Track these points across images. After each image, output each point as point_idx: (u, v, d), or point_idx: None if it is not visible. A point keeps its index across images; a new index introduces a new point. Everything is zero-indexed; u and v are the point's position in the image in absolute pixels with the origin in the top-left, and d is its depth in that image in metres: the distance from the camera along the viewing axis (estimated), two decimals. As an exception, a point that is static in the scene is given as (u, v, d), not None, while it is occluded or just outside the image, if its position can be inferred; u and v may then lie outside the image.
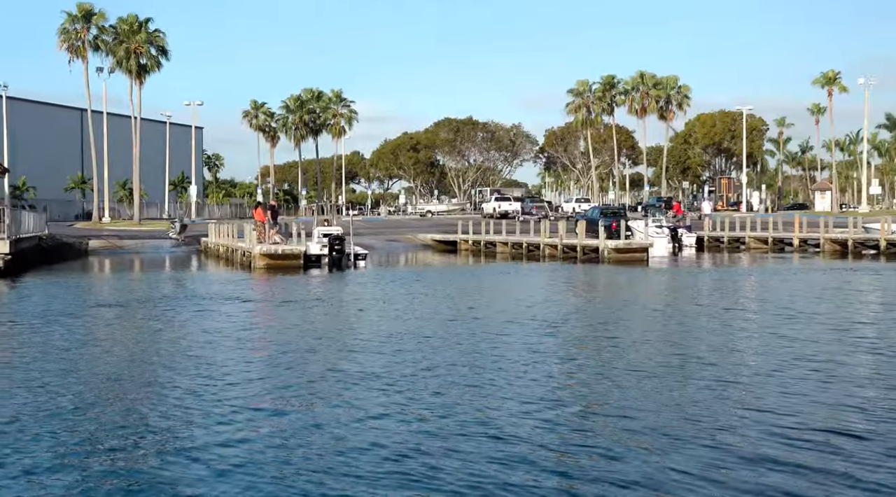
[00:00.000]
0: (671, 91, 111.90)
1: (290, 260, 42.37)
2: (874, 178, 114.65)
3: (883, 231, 53.18)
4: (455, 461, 10.03)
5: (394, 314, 24.07)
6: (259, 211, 48.31)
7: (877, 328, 20.71)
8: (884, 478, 9.27)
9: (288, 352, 17.59)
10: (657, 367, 15.51)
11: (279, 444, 10.81)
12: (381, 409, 12.58)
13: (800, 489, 8.97)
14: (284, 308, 25.87)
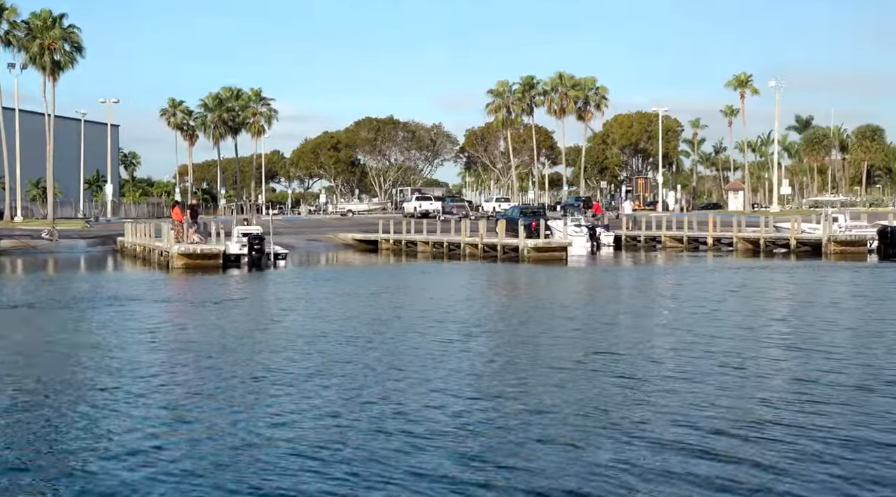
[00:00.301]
0: (589, 92, 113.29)
1: (209, 260, 41.96)
2: (784, 178, 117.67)
3: (793, 230, 54.59)
4: (372, 460, 10.13)
5: (313, 314, 24.05)
6: (177, 210, 47.69)
7: (784, 324, 21.34)
8: (790, 467, 9.61)
9: (204, 352, 17.48)
10: (573, 364, 15.80)
11: (194, 446, 10.78)
12: (298, 408, 12.61)
13: (709, 482, 9.26)
14: (202, 308, 25.66)
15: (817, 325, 20.88)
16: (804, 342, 18.09)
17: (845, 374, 14.57)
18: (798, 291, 30.23)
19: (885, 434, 10.85)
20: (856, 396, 12.90)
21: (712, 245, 59.16)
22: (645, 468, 9.65)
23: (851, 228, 55.94)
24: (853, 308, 24.65)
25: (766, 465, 9.71)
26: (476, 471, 9.67)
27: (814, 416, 11.75)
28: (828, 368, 15.09)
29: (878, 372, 14.71)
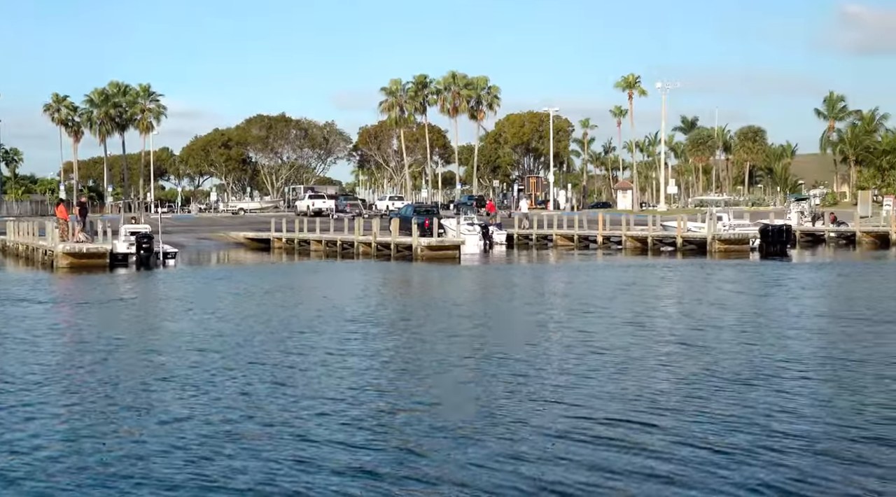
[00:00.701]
0: (482, 91, 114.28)
1: (96, 259, 40.94)
2: (671, 178, 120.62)
3: (679, 229, 55.98)
4: (257, 461, 10.07)
5: (202, 313, 23.71)
6: (62, 208, 46.36)
7: (670, 321, 21.90)
8: (674, 468, 9.89)
9: (88, 354, 17.08)
10: (462, 362, 15.95)
11: (74, 450, 10.55)
12: (183, 410, 12.45)
13: (595, 478, 9.46)
14: (86, 308, 25.04)
15: (701, 321, 21.47)
16: (688, 338, 18.58)
17: (726, 368, 15.02)
18: (683, 289, 31.04)
19: (761, 426, 11.23)
20: (736, 390, 13.31)
21: (602, 243, 60.26)
22: (530, 468, 9.80)
23: (735, 227, 57.66)
24: (735, 305, 25.41)
25: (651, 456, 9.96)
26: (367, 467, 9.69)
27: (696, 411, 12.09)
28: (709, 363, 15.53)
29: (758, 366, 15.21)
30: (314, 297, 28.71)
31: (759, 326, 20.37)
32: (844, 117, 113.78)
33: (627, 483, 9.16)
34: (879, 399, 12.64)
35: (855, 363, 15.40)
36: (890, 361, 15.52)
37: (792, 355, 16.24)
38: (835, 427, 11.17)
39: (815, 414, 11.86)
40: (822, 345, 17.64)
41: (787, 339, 18.38)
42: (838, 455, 9.98)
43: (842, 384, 13.69)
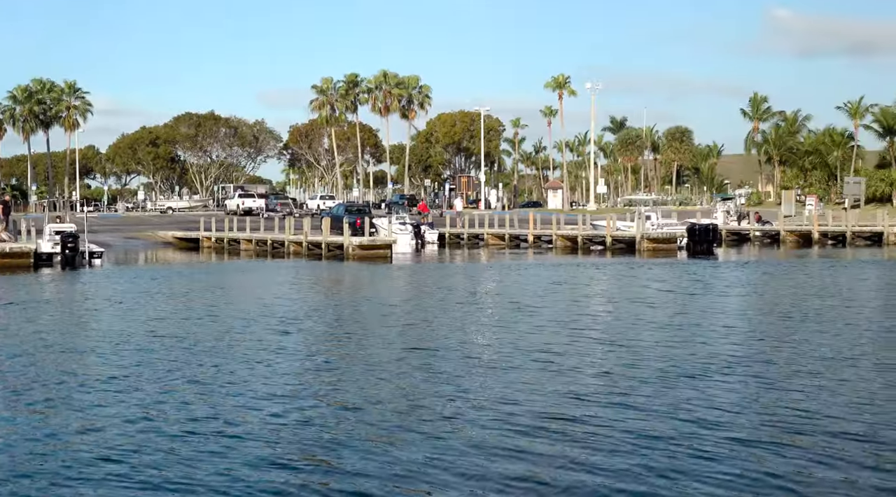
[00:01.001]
0: (413, 90, 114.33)
1: (19, 259, 40.10)
2: (601, 177, 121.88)
3: (609, 228, 56.61)
4: (182, 463, 9.99)
5: (128, 314, 23.37)
6: (-18, 207, 45.33)
7: (597, 319, 22.15)
8: (600, 461, 10.02)
9: (10, 357, 16.73)
10: (392, 361, 15.95)
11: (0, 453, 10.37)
12: (108, 412, 12.28)
13: (525, 475, 9.54)
14: (9, 310, 24.51)
15: (627, 319, 21.76)
16: (614, 336, 18.82)
17: (651, 366, 15.24)
18: (611, 288, 31.41)
19: (685, 421, 11.42)
20: (660, 387, 13.52)
21: (533, 242, 60.68)
22: (459, 460, 9.86)
23: (663, 226, 58.51)
24: (661, 303, 25.79)
25: (575, 453, 10.07)
26: (289, 469, 9.66)
27: (619, 407, 12.25)
28: (634, 361, 15.74)
29: (682, 363, 15.45)
30: (243, 296, 28.47)
31: (685, 324, 20.69)
32: (768, 118, 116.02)
33: (555, 477, 9.24)
34: (797, 395, 12.93)
35: (776, 360, 15.73)
36: (808, 357, 15.88)
37: (715, 352, 16.54)
38: (757, 421, 11.40)
39: (737, 410, 12.08)
40: (744, 342, 17.99)
41: (712, 336, 18.71)
42: (760, 448, 10.19)
43: (763, 380, 13.97)
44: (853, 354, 16.16)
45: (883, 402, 12.43)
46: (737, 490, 8.91)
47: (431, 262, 46.87)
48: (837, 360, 15.63)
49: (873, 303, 25.27)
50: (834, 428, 11.01)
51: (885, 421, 11.36)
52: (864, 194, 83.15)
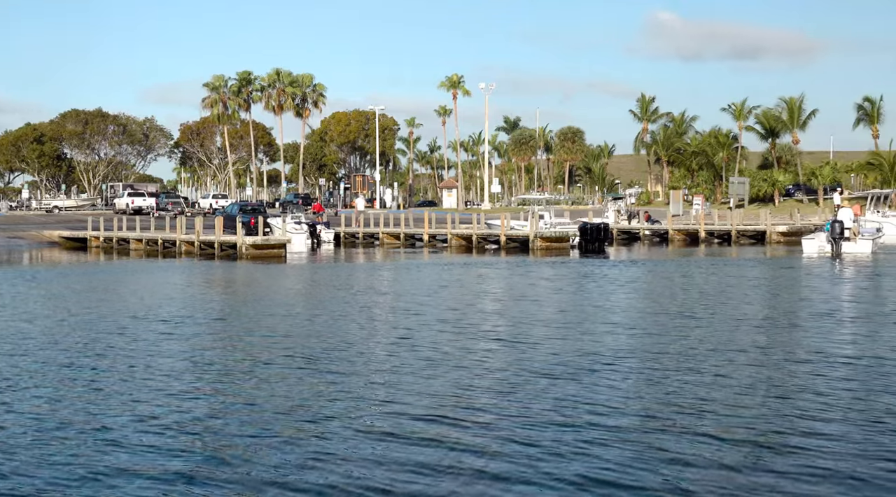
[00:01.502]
0: (307, 89, 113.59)
1: None
2: (495, 177, 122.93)
3: (503, 227, 57.19)
4: (75, 464, 9.80)
5: (9, 316, 22.69)
6: None
7: (490, 317, 22.38)
8: (487, 456, 10.14)
9: None
10: (279, 361, 15.84)
11: None
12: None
13: (413, 472, 9.61)
14: None
15: (519, 318, 22.04)
16: (505, 334, 19.05)
17: (540, 363, 15.48)
18: (504, 286, 31.75)
19: (572, 418, 11.65)
20: (548, 383, 13.74)
21: (428, 242, 60.91)
22: (345, 459, 9.89)
23: (556, 225, 59.39)
24: (553, 301, 26.19)
25: (463, 449, 10.18)
26: (179, 470, 9.56)
27: (508, 405, 12.43)
28: (524, 359, 15.97)
29: (570, 360, 15.73)
30: (130, 297, 27.89)
31: (573, 322, 21.05)
32: (657, 119, 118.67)
33: (443, 474, 9.34)
34: (680, 388, 13.30)
35: (661, 355, 16.14)
36: (691, 352, 16.34)
37: (602, 348, 16.88)
38: (641, 417, 11.69)
39: (622, 404, 12.37)
40: (632, 339, 18.40)
41: (599, 333, 19.09)
42: (644, 444, 10.46)
43: (649, 376, 14.33)
44: (734, 349, 16.68)
45: (761, 395, 12.88)
46: (622, 479, 9.13)
47: (326, 262, 46.66)
48: (719, 354, 16.11)
49: (754, 300, 26.11)
50: (714, 421, 11.36)
51: (763, 414, 11.78)
52: (748, 194, 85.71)
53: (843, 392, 12.94)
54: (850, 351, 16.45)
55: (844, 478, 9.14)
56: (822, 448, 10.13)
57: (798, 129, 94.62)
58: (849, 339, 18.10)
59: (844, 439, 10.47)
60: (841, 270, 35.57)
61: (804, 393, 12.92)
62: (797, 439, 10.50)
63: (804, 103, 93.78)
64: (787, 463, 9.64)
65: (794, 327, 19.83)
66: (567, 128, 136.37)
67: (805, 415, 11.64)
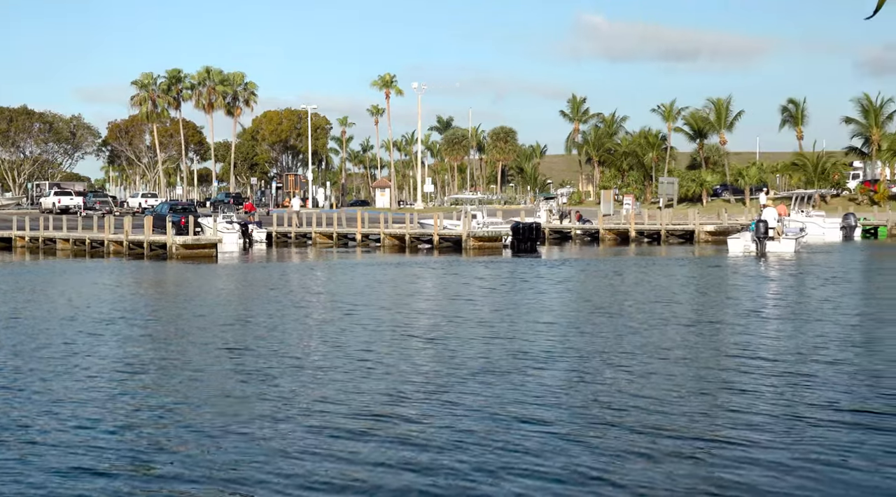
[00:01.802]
0: (238, 87, 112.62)
1: None
2: (428, 176, 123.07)
3: (436, 227, 57.31)
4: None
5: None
6: None
7: (419, 317, 22.45)
8: (417, 456, 10.21)
9: None
10: (208, 362, 15.73)
11: None
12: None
13: (343, 473, 9.64)
14: None
15: (449, 317, 22.12)
16: (436, 334, 19.11)
17: (469, 361, 15.58)
18: (436, 285, 31.88)
19: (503, 415, 11.77)
20: (479, 381, 13.85)
21: (361, 241, 60.81)
22: (276, 460, 9.88)
23: (488, 225, 59.67)
24: (483, 300, 26.34)
25: (392, 449, 10.23)
26: (98, 476, 9.47)
27: (437, 402, 12.50)
28: (454, 357, 16.05)
29: (497, 359, 15.85)
30: (58, 298, 27.41)
31: (504, 321, 21.19)
32: (588, 120, 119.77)
33: (372, 474, 9.38)
34: (608, 386, 13.53)
35: (592, 354, 16.36)
36: (620, 351, 16.60)
37: (534, 348, 17.03)
38: (571, 415, 11.86)
39: (552, 402, 12.52)
40: (563, 338, 18.57)
41: (532, 332, 19.25)
42: (573, 438, 10.62)
43: (579, 375, 14.51)
44: (662, 347, 16.97)
45: (688, 392, 13.14)
46: (552, 479, 9.27)
47: (258, 262, 46.36)
48: (647, 352, 16.38)
49: (682, 298, 26.56)
50: (643, 417, 11.57)
51: (690, 410, 12.03)
52: (677, 194, 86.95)
53: (766, 387, 13.26)
54: (774, 347, 16.85)
55: (770, 471, 9.38)
56: (749, 442, 10.38)
57: (725, 130, 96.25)
58: (772, 335, 18.52)
59: (770, 433, 10.74)
60: (765, 269, 36.33)
61: (730, 389, 13.22)
62: (725, 433, 10.75)
63: (731, 105, 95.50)
64: (716, 457, 9.86)
65: (719, 325, 20.24)
66: (499, 128, 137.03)
67: (732, 410, 11.90)
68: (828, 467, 9.49)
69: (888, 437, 10.54)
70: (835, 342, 17.35)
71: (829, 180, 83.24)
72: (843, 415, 11.60)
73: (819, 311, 22.39)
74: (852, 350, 16.55)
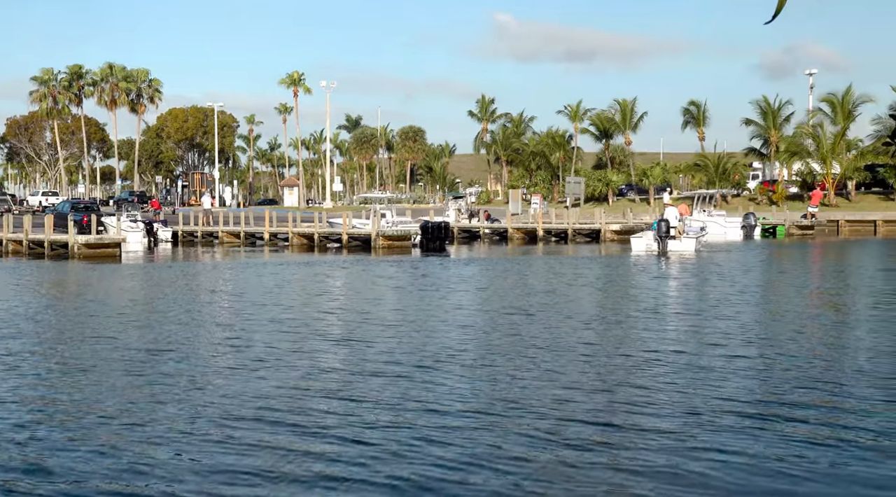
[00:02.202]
0: (142, 84, 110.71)
1: None
2: (336, 175, 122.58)
3: (345, 226, 57.17)
4: None
5: None
6: None
7: (326, 317, 22.39)
8: (325, 453, 10.26)
9: None
10: (108, 364, 15.51)
11: None
12: None
13: (252, 472, 9.64)
14: None
15: (356, 316, 22.14)
16: (342, 333, 19.13)
17: (376, 360, 15.65)
18: (344, 285, 31.86)
19: (404, 414, 11.90)
20: (381, 383, 13.93)
21: (269, 240, 60.33)
22: (181, 462, 9.84)
23: (397, 224, 59.75)
24: (391, 299, 26.44)
25: (298, 447, 10.27)
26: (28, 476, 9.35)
27: (341, 403, 12.57)
28: (361, 357, 16.10)
29: (403, 358, 15.96)
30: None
31: (413, 320, 21.28)
32: (496, 120, 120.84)
33: (270, 481, 9.39)
34: (515, 383, 13.74)
35: (496, 353, 16.55)
36: (526, 351, 16.85)
37: (439, 347, 17.13)
38: (473, 414, 12.03)
39: (456, 401, 12.67)
40: (468, 336, 18.73)
41: (438, 331, 19.36)
42: (477, 441, 10.78)
43: (483, 374, 14.70)
44: (565, 345, 17.27)
45: (589, 389, 13.43)
46: (454, 476, 9.40)
47: (164, 262, 45.67)
48: (551, 351, 16.64)
49: (586, 297, 27.04)
50: (545, 415, 11.79)
51: (591, 407, 12.31)
52: (583, 193, 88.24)
53: (664, 385, 13.61)
54: (673, 345, 17.29)
55: (667, 468, 9.66)
56: (648, 439, 10.67)
57: (630, 130, 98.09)
58: (672, 332, 19.00)
59: (669, 431, 11.05)
60: (666, 268, 37.16)
61: (630, 386, 13.54)
62: (625, 431, 11.02)
63: (636, 106, 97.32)
64: (616, 454, 10.11)
65: (621, 323, 20.66)
66: (408, 127, 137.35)
67: (632, 408, 12.21)
68: (724, 454, 9.82)
69: (779, 424, 10.95)
70: (731, 337, 17.88)
71: (730, 180, 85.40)
72: (735, 404, 11.99)
73: (716, 308, 23.02)
74: (748, 345, 17.08)
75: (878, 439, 10.51)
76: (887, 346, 16.91)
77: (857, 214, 71.95)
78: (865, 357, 15.72)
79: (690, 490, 8.92)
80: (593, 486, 9.04)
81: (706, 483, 9.12)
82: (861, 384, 13.40)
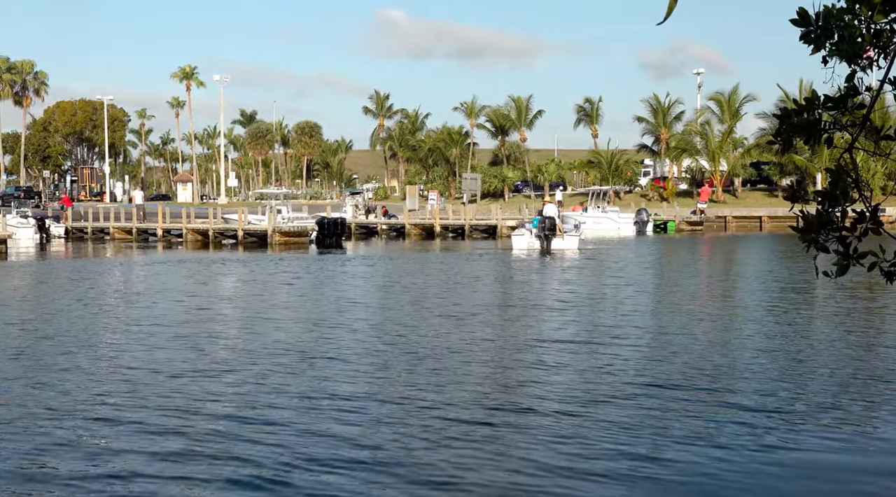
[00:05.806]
0: (27, 76, 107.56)
1: None
2: (231, 170, 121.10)
3: (241, 222, 56.64)
4: None
5: None
6: None
7: (218, 316, 22.24)
8: (220, 451, 10.25)
9: None
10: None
11: None
12: None
13: (137, 481, 9.60)
14: None
15: (250, 313, 22.01)
16: (234, 331, 19.03)
17: (269, 358, 15.61)
18: (239, 282, 31.58)
19: (297, 411, 11.96)
20: (276, 379, 13.92)
21: (162, 237, 59.39)
22: (55, 459, 9.74)
23: (294, 220, 59.48)
24: (286, 297, 26.33)
25: (199, 447, 10.26)
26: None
27: (245, 404, 12.55)
28: (251, 355, 16.02)
29: (297, 354, 15.96)
30: None
31: (306, 318, 21.25)
32: (392, 116, 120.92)
33: (160, 471, 9.39)
34: (414, 379, 13.91)
35: (387, 349, 16.67)
36: (418, 346, 17.02)
37: (333, 343, 17.19)
38: (374, 406, 12.14)
39: (351, 396, 12.75)
40: (361, 333, 18.78)
41: (331, 328, 19.33)
42: (382, 429, 10.90)
43: (375, 370, 14.81)
44: (457, 339, 17.50)
45: (477, 382, 13.68)
46: (353, 461, 9.51)
47: (54, 259, 44.55)
48: (443, 344, 16.86)
49: (480, 291, 27.37)
50: (434, 406, 11.99)
51: (481, 402, 12.54)
52: (480, 190, 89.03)
53: (556, 377, 13.94)
54: (564, 338, 17.67)
55: (561, 458, 9.93)
56: (540, 428, 10.93)
57: (525, 127, 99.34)
58: (560, 326, 19.38)
59: (560, 422, 11.34)
60: (554, 266, 37.72)
61: (522, 379, 13.82)
62: (517, 421, 11.27)
63: (531, 103, 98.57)
64: (509, 445, 10.34)
65: (512, 317, 21.01)
66: (304, 122, 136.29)
67: (523, 399, 12.48)
68: (622, 435, 10.14)
69: (669, 403, 11.34)
70: (623, 329, 18.36)
71: (623, 177, 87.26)
72: (627, 388, 12.36)
73: (603, 303, 23.58)
74: (640, 337, 17.56)
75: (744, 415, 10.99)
76: (763, 335, 17.60)
77: (744, 210, 74.34)
78: (741, 346, 16.35)
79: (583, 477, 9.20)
80: (485, 465, 9.24)
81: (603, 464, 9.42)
82: (735, 373, 13.94)
